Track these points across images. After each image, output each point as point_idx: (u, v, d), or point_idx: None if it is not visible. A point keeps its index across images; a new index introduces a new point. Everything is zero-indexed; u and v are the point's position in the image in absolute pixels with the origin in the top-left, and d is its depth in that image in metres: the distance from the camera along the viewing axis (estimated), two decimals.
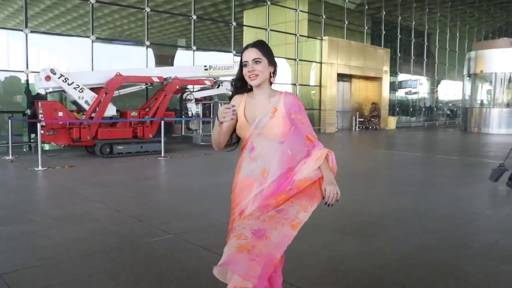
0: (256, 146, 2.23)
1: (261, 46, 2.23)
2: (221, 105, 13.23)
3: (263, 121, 2.20)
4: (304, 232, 4.58)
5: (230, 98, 2.38)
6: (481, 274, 3.45)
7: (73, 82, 10.29)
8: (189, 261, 3.72)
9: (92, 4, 12.67)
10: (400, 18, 25.73)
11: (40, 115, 9.99)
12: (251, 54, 2.19)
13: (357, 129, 22.30)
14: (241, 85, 2.31)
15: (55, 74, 10.04)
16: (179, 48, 17.02)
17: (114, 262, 3.68)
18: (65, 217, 5.11)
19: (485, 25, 36.51)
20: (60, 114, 10.10)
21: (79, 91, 10.42)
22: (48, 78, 10.01)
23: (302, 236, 4.35)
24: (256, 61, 2.18)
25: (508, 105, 20.98)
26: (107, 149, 10.57)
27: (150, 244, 4.15)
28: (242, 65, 2.24)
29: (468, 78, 22.55)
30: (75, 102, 10.70)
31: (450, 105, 33.20)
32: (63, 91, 10.47)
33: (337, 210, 5.62)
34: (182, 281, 3.30)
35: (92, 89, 10.69)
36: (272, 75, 2.25)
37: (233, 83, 2.37)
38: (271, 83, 2.28)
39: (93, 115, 10.54)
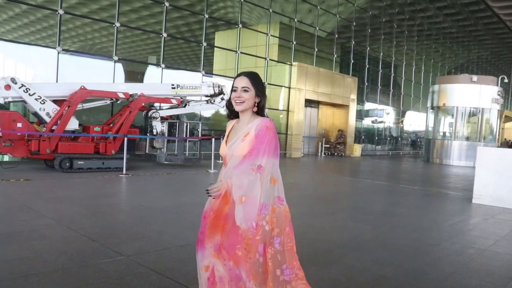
0: (228, 165, 2.40)
1: (252, 77, 2.40)
2: (186, 124, 13.22)
3: (236, 143, 2.36)
4: None
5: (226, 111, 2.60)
6: None
7: (34, 93, 10.01)
8: (139, 285, 3.56)
9: (60, 15, 12.46)
10: (368, 48, 26.45)
11: None
12: (242, 82, 2.37)
13: (323, 155, 22.52)
14: (230, 108, 2.49)
15: (16, 83, 9.74)
16: (149, 65, 16.88)
17: (59, 284, 3.48)
18: (11, 233, 4.86)
19: (449, 60, 38.01)
20: (19, 125, 9.78)
21: (40, 102, 10.13)
22: (7, 87, 9.70)
23: None
24: (244, 89, 2.35)
25: (468, 139, 21.69)
26: (67, 164, 10.25)
27: (99, 265, 3.97)
28: (232, 90, 2.41)
29: (431, 110, 23.26)
30: (36, 114, 10.39)
31: (413, 135, 34.08)
32: (24, 101, 10.16)
33: (295, 236, 5.57)
34: None
35: (55, 102, 10.42)
36: (256, 104, 2.41)
37: (227, 105, 2.55)
38: (257, 112, 2.43)
39: (54, 128, 10.24)
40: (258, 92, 2.39)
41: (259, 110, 2.44)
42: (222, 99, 13.22)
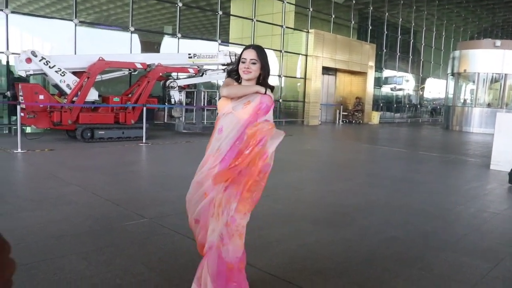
0: (225, 128, 2.59)
1: (259, 50, 2.65)
2: (204, 93, 13.33)
3: (239, 107, 2.57)
4: (275, 220, 4.69)
5: (226, 77, 2.79)
6: (445, 266, 3.57)
7: (54, 65, 10.18)
8: (163, 244, 3.77)
9: None
10: (387, 14, 25.89)
11: (20, 98, 9.88)
12: (250, 54, 2.61)
13: (341, 122, 22.47)
14: (234, 76, 2.73)
15: (36, 56, 9.92)
16: (165, 35, 16.91)
17: (87, 244, 3.71)
18: (40, 199, 5.11)
19: (471, 25, 36.92)
20: (41, 97, 10.01)
21: (60, 74, 10.32)
22: (28, 60, 9.89)
23: (274, 224, 4.47)
24: (252, 62, 2.60)
25: (489, 105, 21.32)
26: (88, 134, 10.52)
27: (124, 227, 4.18)
28: (240, 60, 2.65)
29: (451, 76, 22.83)
30: (56, 86, 10.61)
31: (433, 103, 33.57)
32: (45, 74, 10.37)
33: (311, 200, 5.73)
34: (154, 263, 3.35)
35: (74, 73, 10.60)
36: (261, 77, 2.67)
37: (229, 72, 2.83)
38: (259, 83, 2.66)
39: (74, 99, 10.46)
40: (264, 66, 2.64)
41: (262, 82, 2.66)
42: None
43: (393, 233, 4.39)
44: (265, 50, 2.72)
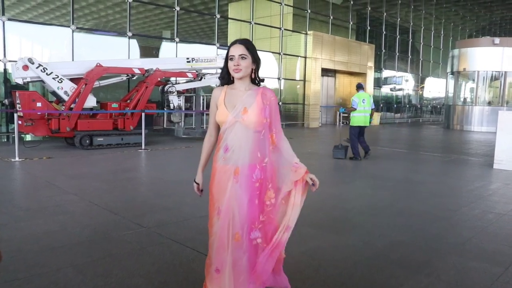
0: (230, 146, 2.39)
1: (248, 43, 2.42)
2: (203, 98, 13.23)
3: (238, 115, 2.37)
4: None
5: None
6: (452, 271, 3.46)
7: (52, 72, 10.10)
8: (161, 254, 3.66)
9: None
10: (385, 14, 25.82)
11: (18, 105, 9.78)
12: (238, 50, 2.38)
13: (341, 124, 22.35)
14: (225, 77, 2.48)
15: (33, 63, 9.84)
16: (163, 40, 16.84)
17: (84, 255, 3.61)
18: (37, 209, 5.01)
19: (470, 23, 36.88)
20: (39, 104, 9.91)
21: (58, 81, 10.23)
22: (25, 67, 9.81)
23: None
24: (242, 57, 2.37)
25: (489, 103, 21.23)
26: (87, 141, 10.42)
27: (122, 237, 4.08)
28: (228, 58, 2.41)
29: (451, 75, 22.75)
30: (54, 93, 10.52)
31: (433, 102, 33.46)
32: (42, 81, 10.28)
33: (314, 204, 5.62)
34: (152, 275, 3.25)
35: (72, 80, 10.51)
36: (253, 71, 2.46)
37: (221, 76, 2.52)
38: (252, 78, 2.47)
39: (72, 106, 10.37)
40: (255, 59, 2.42)
41: (255, 77, 2.49)
42: None
43: (398, 237, 4.28)
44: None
